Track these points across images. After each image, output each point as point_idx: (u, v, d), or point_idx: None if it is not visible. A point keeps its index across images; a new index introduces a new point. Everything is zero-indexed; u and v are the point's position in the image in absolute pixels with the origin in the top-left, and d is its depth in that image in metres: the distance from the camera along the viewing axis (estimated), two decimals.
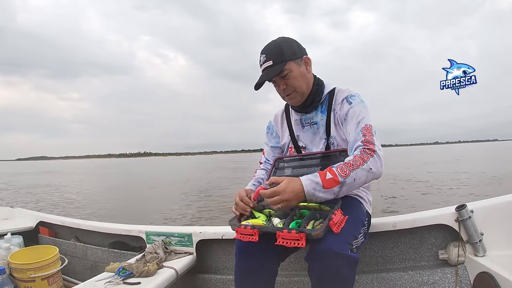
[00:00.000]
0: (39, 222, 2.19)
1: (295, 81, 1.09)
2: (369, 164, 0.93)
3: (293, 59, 1.08)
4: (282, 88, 1.11)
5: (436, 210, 1.31)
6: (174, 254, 1.53)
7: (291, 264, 1.43)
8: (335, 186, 0.91)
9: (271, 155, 1.32)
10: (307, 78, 1.12)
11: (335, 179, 0.91)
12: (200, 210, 7.17)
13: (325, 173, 0.92)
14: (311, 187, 0.90)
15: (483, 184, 9.04)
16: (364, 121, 1.03)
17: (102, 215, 6.90)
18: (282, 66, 1.06)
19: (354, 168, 0.92)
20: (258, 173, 1.31)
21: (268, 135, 1.34)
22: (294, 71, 1.08)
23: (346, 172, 0.91)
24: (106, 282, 1.21)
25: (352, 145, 1.02)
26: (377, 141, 0.99)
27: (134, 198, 9.87)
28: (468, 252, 1.19)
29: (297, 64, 1.09)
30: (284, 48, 1.07)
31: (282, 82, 1.10)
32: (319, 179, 0.91)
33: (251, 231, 0.91)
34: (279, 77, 1.08)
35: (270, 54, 1.07)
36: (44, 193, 11.66)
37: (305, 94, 1.13)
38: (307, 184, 0.91)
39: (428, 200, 7.01)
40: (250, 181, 1.27)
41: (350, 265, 0.85)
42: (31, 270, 1.50)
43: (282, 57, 1.06)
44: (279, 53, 1.06)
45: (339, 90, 1.15)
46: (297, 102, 1.15)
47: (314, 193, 0.91)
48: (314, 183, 0.91)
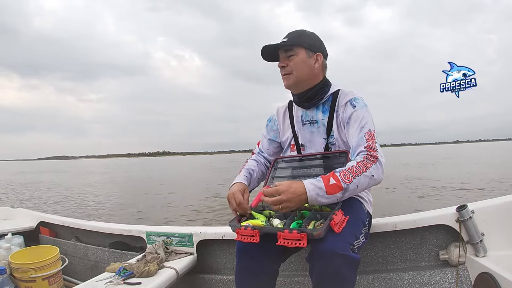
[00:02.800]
0: (40, 222, 2.19)
1: (296, 66, 1.11)
2: (371, 171, 0.94)
3: (306, 48, 1.12)
4: (281, 65, 1.14)
5: (436, 210, 1.30)
6: (175, 254, 1.53)
7: (292, 264, 1.43)
8: (338, 192, 0.91)
9: (266, 147, 1.31)
10: (311, 71, 1.13)
11: (338, 185, 0.90)
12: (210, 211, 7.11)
13: (329, 178, 0.91)
14: (314, 192, 0.90)
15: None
16: (368, 126, 1.03)
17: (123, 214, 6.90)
18: (292, 46, 1.10)
19: (357, 174, 0.92)
20: (249, 163, 1.28)
21: (268, 128, 1.33)
22: (300, 57, 1.11)
23: (349, 178, 0.91)
24: (106, 282, 1.21)
25: (355, 150, 1.02)
26: (379, 147, 1.00)
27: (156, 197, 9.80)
28: (468, 253, 1.19)
29: (307, 54, 1.12)
30: (304, 35, 1.13)
31: (285, 61, 1.13)
32: (323, 184, 0.90)
33: (252, 232, 0.91)
34: (285, 55, 1.13)
35: (290, 34, 1.13)
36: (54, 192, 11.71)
37: (300, 83, 1.14)
38: (311, 189, 0.90)
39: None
40: (240, 171, 1.23)
41: (352, 266, 0.85)
42: (31, 270, 1.50)
43: (297, 40, 1.11)
44: (297, 36, 1.12)
45: (343, 92, 1.15)
46: (288, 85, 1.16)
47: (317, 198, 0.90)
48: (317, 188, 0.90)
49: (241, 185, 1.14)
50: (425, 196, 7.65)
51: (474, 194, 7.41)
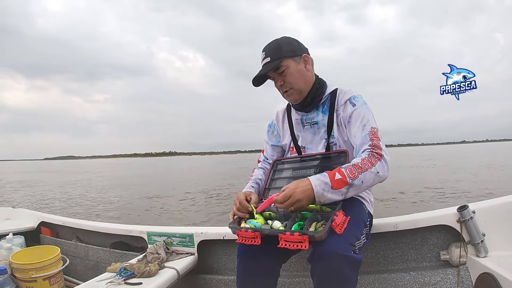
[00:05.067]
0: (41, 223, 2.19)
1: (292, 78, 1.10)
2: (377, 167, 0.94)
3: (291, 56, 1.09)
4: (279, 85, 1.12)
5: (437, 210, 1.30)
6: (176, 254, 1.53)
7: (293, 265, 1.43)
8: (343, 187, 0.91)
9: (270, 153, 1.31)
10: (305, 76, 1.12)
11: (344, 179, 0.91)
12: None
13: (334, 173, 0.92)
14: (321, 188, 0.90)
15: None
16: (370, 124, 1.03)
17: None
18: (279, 62, 1.07)
19: (363, 170, 0.92)
20: (256, 173, 1.29)
21: (269, 134, 1.33)
22: (292, 68, 1.09)
23: (355, 174, 0.91)
24: (107, 282, 1.21)
25: (359, 148, 1.02)
26: (383, 145, 0.99)
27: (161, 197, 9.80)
28: (469, 253, 1.19)
29: (295, 62, 1.10)
30: (283, 45, 1.10)
31: (280, 79, 1.11)
32: (328, 179, 0.91)
33: (253, 234, 0.91)
34: (277, 73, 1.10)
35: (268, 51, 1.10)
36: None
37: (303, 92, 1.13)
38: (317, 184, 0.91)
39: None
40: (247, 182, 1.26)
41: (353, 266, 0.85)
42: (32, 270, 1.50)
43: (280, 54, 1.08)
44: (277, 49, 1.09)
45: (342, 91, 1.14)
46: (295, 100, 1.15)
47: (323, 194, 0.91)
48: (323, 183, 0.91)
49: (247, 192, 1.14)
50: (425, 196, 7.65)
51: (475, 194, 7.40)
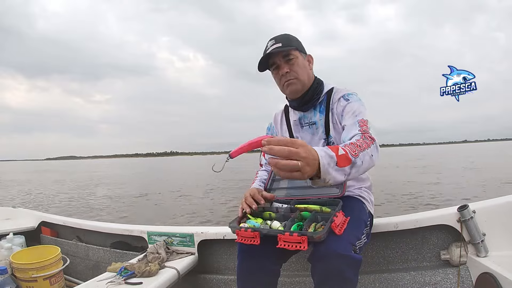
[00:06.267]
0: (41, 222, 2.19)
1: (298, 68, 1.10)
2: (371, 149, 0.86)
3: (300, 50, 1.11)
4: (284, 72, 1.10)
5: (438, 210, 1.30)
6: (176, 254, 1.53)
7: (293, 264, 1.43)
8: (347, 165, 0.77)
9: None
10: (308, 72, 1.14)
11: (347, 156, 0.77)
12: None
13: (337, 148, 0.77)
14: (326, 161, 0.71)
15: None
16: (361, 116, 1.00)
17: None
18: (290, 49, 1.08)
19: (362, 149, 0.82)
20: (260, 173, 1.31)
21: None
22: (300, 59, 1.11)
23: (355, 152, 0.79)
24: (108, 282, 1.21)
25: (347, 134, 0.96)
26: (374, 134, 0.92)
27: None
28: (470, 253, 1.19)
29: (302, 56, 1.12)
30: (293, 38, 1.12)
31: (286, 66, 1.10)
32: (333, 153, 0.74)
33: (252, 234, 0.91)
34: (284, 60, 1.10)
35: (279, 39, 1.10)
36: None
37: (305, 86, 1.13)
38: (323, 155, 0.70)
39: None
40: (253, 182, 1.27)
41: (353, 266, 0.85)
42: (33, 270, 1.50)
43: (291, 43, 1.09)
44: (288, 40, 1.10)
45: (337, 89, 1.15)
46: (296, 90, 1.13)
47: (328, 169, 0.72)
48: (328, 156, 0.72)
49: (259, 189, 1.16)
50: (425, 196, 7.65)
51: (475, 194, 7.40)
